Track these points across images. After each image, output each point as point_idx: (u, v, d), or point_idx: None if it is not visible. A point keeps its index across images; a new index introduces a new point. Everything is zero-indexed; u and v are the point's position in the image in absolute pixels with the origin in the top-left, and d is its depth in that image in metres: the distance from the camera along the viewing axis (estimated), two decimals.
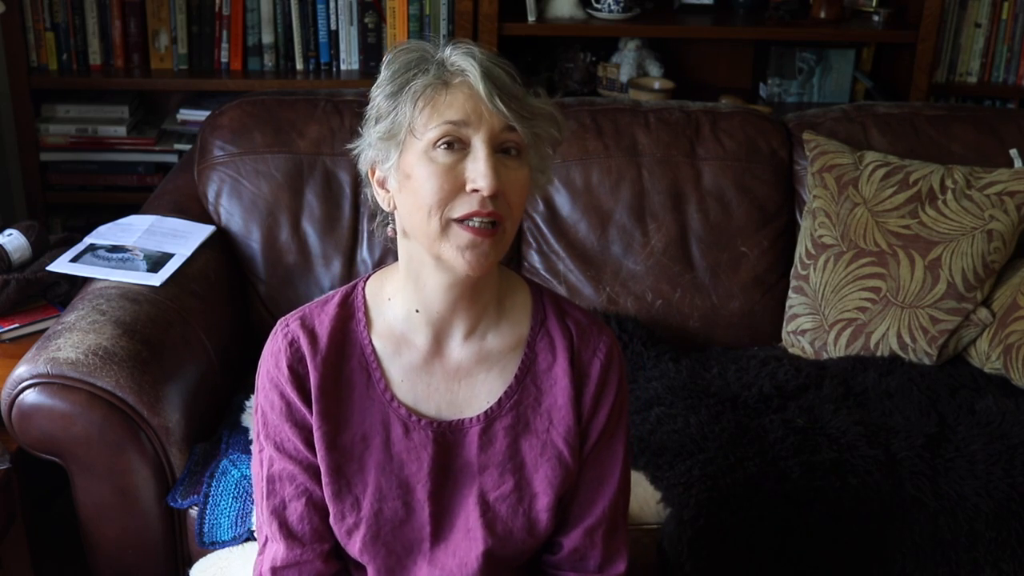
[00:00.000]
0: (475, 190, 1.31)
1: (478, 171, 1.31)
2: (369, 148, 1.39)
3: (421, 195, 1.33)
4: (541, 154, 1.39)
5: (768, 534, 1.95)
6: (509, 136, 1.33)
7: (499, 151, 1.34)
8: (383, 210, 1.43)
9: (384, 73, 1.37)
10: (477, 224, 1.32)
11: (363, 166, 1.42)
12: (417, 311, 1.42)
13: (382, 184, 1.40)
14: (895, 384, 2.30)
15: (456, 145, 1.32)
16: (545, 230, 2.55)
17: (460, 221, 1.32)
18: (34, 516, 2.17)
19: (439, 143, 1.32)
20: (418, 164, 1.33)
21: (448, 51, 1.35)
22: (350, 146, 1.43)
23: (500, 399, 1.45)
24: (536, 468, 1.45)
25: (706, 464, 2.02)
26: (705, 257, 2.54)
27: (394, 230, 1.43)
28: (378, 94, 1.37)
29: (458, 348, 1.45)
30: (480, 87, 1.31)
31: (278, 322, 1.47)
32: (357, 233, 2.51)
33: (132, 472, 1.96)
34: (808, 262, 2.51)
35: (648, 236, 2.53)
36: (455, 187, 1.32)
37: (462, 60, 1.33)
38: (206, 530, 1.94)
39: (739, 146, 2.59)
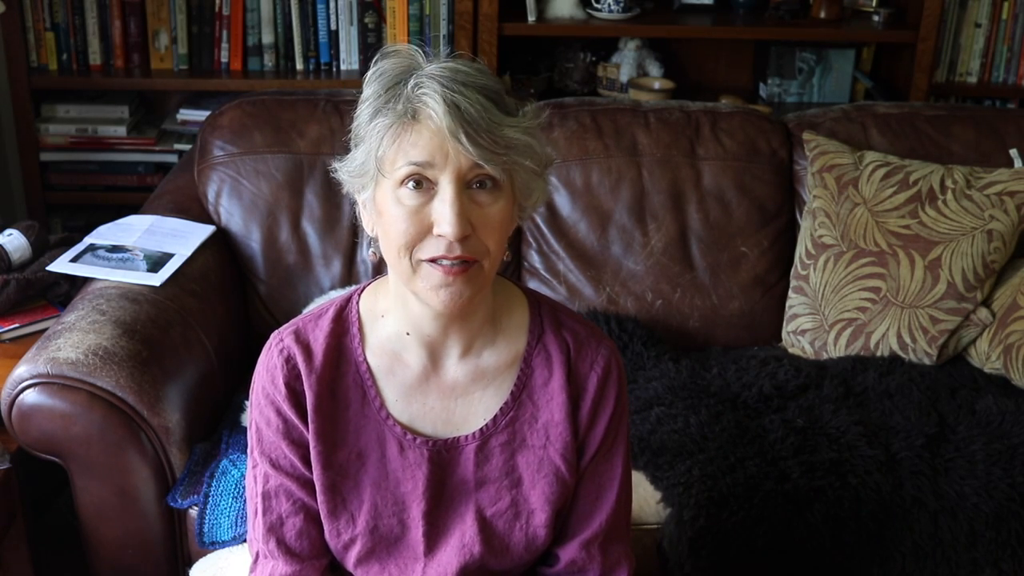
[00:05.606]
0: (441, 235, 1.27)
1: (444, 216, 1.27)
2: (347, 176, 1.36)
3: (391, 235, 1.31)
4: (523, 179, 1.33)
5: (768, 534, 1.95)
6: (479, 172, 1.28)
7: (471, 186, 1.29)
8: (368, 234, 1.40)
9: (366, 91, 1.33)
10: (448, 263, 1.29)
11: (347, 189, 1.39)
12: (408, 334, 1.41)
13: (365, 207, 1.38)
14: (895, 384, 2.30)
15: (424, 184, 1.28)
16: (545, 230, 2.55)
17: (430, 261, 1.29)
18: (34, 516, 2.17)
19: (406, 182, 1.28)
20: (388, 203, 1.30)
21: (421, 76, 1.28)
22: (332, 167, 1.40)
23: (496, 416, 1.44)
24: (533, 485, 1.44)
25: (706, 464, 2.02)
26: (705, 257, 2.54)
27: (374, 253, 1.41)
28: (359, 113, 1.34)
29: (453, 367, 1.43)
30: (444, 125, 1.25)
31: (272, 335, 1.45)
32: (357, 233, 2.50)
33: (132, 472, 1.96)
34: (808, 262, 2.51)
35: (648, 236, 2.53)
36: (422, 229, 1.29)
37: (428, 94, 1.26)
38: (206, 530, 1.94)
39: (739, 146, 2.59)
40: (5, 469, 1.98)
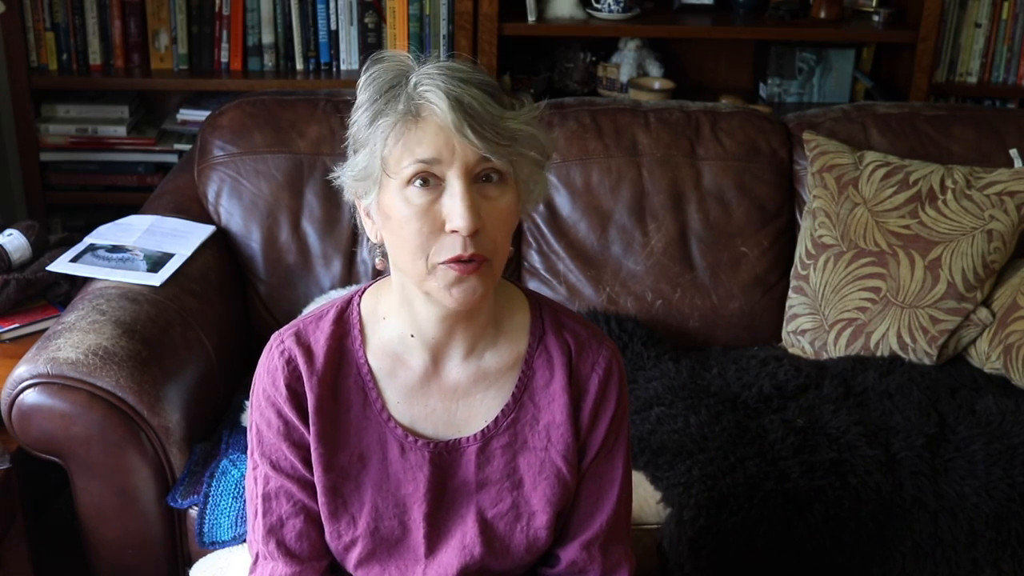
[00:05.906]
0: (454, 230, 1.27)
1: (455, 210, 1.26)
2: (350, 181, 1.36)
3: (403, 237, 1.30)
4: (527, 173, 1.34)
5: (768, 534, 1.95)
6: (486, 165, 1.28)
7: (478, 180, 1.29)
8: (370, 240, 1.39)
9: (360, 97, 1.33)
10: (462, 262, 1.29)
11: (348, 196, 1.38)
12: (413, 336, 1.40)
13: (368, 214, 1.37)
14: (895, 384, 2.30)
15: (431, 181, 1.27)
16: (545, 230, 2.55)
17: (445, 263, 1.29)
18: (34, 516, 2.17)
19: (413, 181, 1.28)
20: (396, 204, 1.30)
21: (420, 75, 1.29)
22: (332, 176, 1.40)
23: (497, 418, 1.44)
24: (535, 486, 1.44)
25: (706, 464, 2.02)
26: (705, 257, 2.54)
27: (383, 260, 1.40)
28: (355, 120, 1.34)
29: (456, 369, 1.43)
30: (449, 120, 1.25)
31: (272, 337, 1.45)
32: (357, 233, 2.50)
33: (132, 472, 1.96)
34: (808, 262, 2.51)
35: (648, 236, 2.53)
36: (434, 228, 1.28)
37: (430, 91, 1.26)
38: (206, 530, 1.94)
39: (739, 146, 2.59)
40: (5, 469, 1.98)
